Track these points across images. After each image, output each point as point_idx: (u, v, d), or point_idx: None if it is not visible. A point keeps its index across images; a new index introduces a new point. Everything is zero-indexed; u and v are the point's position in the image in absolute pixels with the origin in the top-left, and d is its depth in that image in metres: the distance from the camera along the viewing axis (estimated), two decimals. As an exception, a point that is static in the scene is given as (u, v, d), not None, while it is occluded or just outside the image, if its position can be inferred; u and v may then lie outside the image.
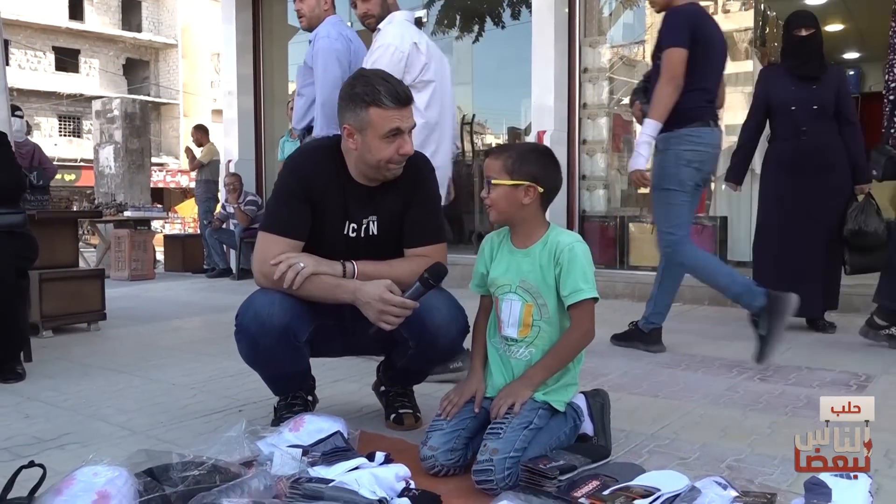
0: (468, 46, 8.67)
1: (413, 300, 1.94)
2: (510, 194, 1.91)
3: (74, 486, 1.37)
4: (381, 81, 1.98)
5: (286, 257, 1.99)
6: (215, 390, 2.82)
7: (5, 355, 3.04)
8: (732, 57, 6.14)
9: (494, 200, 1.92)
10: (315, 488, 1.50)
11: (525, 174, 1.90)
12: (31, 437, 2.25)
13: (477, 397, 1.93)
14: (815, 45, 3.94)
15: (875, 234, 3.75)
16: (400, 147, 2.00)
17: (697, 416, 2.41)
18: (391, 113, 1.97)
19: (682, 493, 1.55)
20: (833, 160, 3.87)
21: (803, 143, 3.88)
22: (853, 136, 3.89)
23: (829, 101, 3.86)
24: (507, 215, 1.94)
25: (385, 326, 1.94)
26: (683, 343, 3.66)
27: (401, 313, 1.93)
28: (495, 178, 1.91)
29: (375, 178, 2.08)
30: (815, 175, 3.86)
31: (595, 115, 6.26)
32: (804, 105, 3.89)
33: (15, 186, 3.29)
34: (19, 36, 27.43)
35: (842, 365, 3.10)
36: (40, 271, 4.00)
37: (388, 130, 1.97)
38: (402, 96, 1.98)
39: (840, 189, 3.89)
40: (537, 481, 1.65)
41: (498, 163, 1.92)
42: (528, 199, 1.91)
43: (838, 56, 11.45)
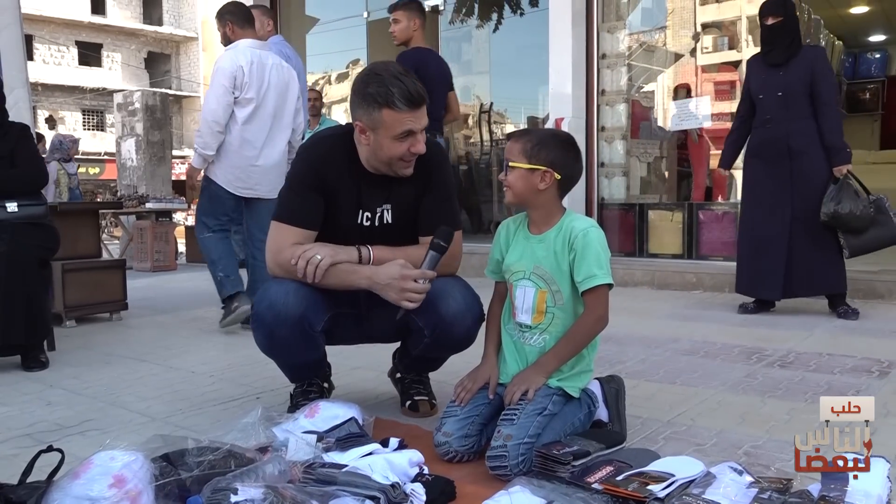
0: (486, 35, 8.61)
1: (430, 270, 1.94)
2: (527, 178, 1.90)
3: (92, 469, 1.39)
4: (395, 81, 1.94)
5: (302, 251, 1.99)
6: (233, 378, 2.85)
7: (29, 344, 3.09)
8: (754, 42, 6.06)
9: (511, 182, 1.92)
10: (328, 473, 1.51)
11: (543, 159, 1.89)
12: (52, 424, 2.29)
13: (491, 383, 1.93)
14: (781, 32, 3.93)
15: (854, 216, 3.73)
16: (412, 146, 1.99)
17: (715, 402, 2.39)
18: (404, 115, 1.95)
19: (696, 479, 1.54)
20: (801, 146, 3.86)
21: (768, 131, 3.96)
22: (825, 116, 3.84)
23: (796, 85, 3.86)
24: (522, 198, 1.93)
25: (409, 305, 1.93)
26: (702, 330, 3.63)
27: (422, 288, 1.93)
28: (514, 160, 1.91)
29: (387, 173, 2.08)
30: (781, 162, 3.92)
31: (614, 101, 6.19)
32: (769, 92, 3.95)
33: (37, 178, 3.34)
34: (43, 31, 27.75)
35: (864, 351, 3.06)
36: (63, 262, 4.07)
37: (401, 132, 1.96)
38: (415, 97, 1.95)
39: (813, 173, 3.86)
40: (551, 467, 1.65)
41: (518, 146, 1.91)
42: (545, 184, 1.90)
43: (863, 39, 11.25)
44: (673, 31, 6.91)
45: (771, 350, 3.11)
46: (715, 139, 6.21)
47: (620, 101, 6.19)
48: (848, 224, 3.75)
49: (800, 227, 3.89)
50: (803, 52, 3.93)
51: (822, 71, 3.90)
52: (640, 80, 6.64)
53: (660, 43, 6.93)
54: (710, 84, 6.61)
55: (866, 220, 3.73)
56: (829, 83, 3.94)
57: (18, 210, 3.09)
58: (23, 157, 3.24)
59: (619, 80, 6.21)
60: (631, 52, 6.41)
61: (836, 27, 9.76)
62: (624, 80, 6.22)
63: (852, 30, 10.53)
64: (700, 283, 5.09)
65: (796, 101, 3.87)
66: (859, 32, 10.88)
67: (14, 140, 3.23)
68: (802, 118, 3.86)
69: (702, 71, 6.78)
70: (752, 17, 6.00)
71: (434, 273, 1.95)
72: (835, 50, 9.86)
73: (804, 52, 3.94)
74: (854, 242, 3.81)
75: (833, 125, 3.84)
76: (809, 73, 3.84)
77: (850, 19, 10.01)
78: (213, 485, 1.43)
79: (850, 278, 3.99)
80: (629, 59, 6.34)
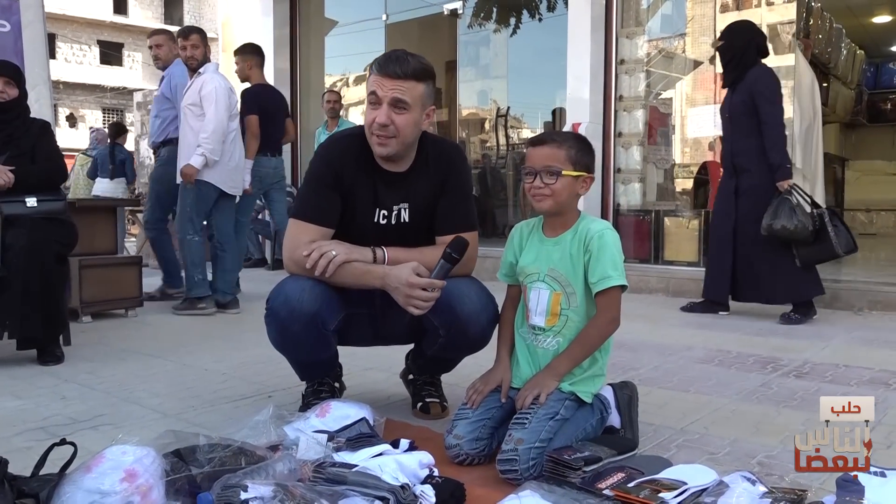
0: (504, 39, 8.62)
1: (440, 279, 1.92)
2: (572, 185, 1.90)
3: (104, 464, 1.39)
4: (391, 52, 2.01)
5: (318, 245, 1.99)
6: (246, 376, 2.85)
7: (45, 339, 3.12)
8: (775, 50, 6.00)
9: (558, 191, 1.88)
10: (338, 473, 1.51)
11: (584, 165, 1.91)
12: (66, 418, 2.31)
13: (503, 386, 1.92)
14: (725, 55, 4.23)
15: (789, 230, 3.88)
16: (376, 116, 1.97)
17: (729, 411, 2.36)
18: (374, 77, 1.98)
19: (709, 488, 1.52)
20: (743, 163, 4.11)
21: (722, 149, 4.34)
22: (765, 135, 4.02)
23: (739, 106, 4.11)
24: (563, 206, 1.92)
25: (414, 311, 1.92)
26: (717, 339, 3.60)
27: (429, 296, 1.91)
28: (562, 167, 1.87)
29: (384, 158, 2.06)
30: (728, 178, 4.25)
31: (631, 107, 6.16)
32: (723, 113, 4.30)
33: (57, 174, 3.37)
34: (66, 30, 28.07)
35: (881, 363, 3.02)
36: (80, 258, 4.10)
37: (369, 94, 1.99)
38: (391, 63, 1.96)
39: (753, 189, 4.07)
40: (562, 472, 1.64)
41: (562, 152, 1.89)
42: (584, 189, 1.92)
43: (885, 48, 11.14)
44: (692, 38, 6.86)
45: (787, 360, 3.08)
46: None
47: (638, 107, 6.16)
48: (787, 238, 3.93)
49: (745, 239, 4.11)
50: (749, 74, 4.10)
51: (761, 91, 4.06)
52: (659, 86, 6.60)
53: (679, 50, 6.89)
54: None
55: (805, 234, 3.88)
56: (769, 102, 4.06)
57: (38, 205, 3.12)
58: (43, 154, 3.27)
59: (637, 87, 6.19)
60: (650, 59, 6.38)
61: (859, 37, 9.67)
62: (642, 87, 6.19)
63: (874, 39, 10.43)
64: (716, 291, 5.04)
65: (739, 121, 4.12)
66: (881, 42, 10.77)
67: (35, 137, 3.27)
68: (745, 137, 4.09)
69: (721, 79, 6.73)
70: (772, 25, 5.95)
71: (443, 283, 1.93)
72: (857, 59, 9.77)
73: (749, 73, 4.11)
74: (803, 253, 3.98)
75: (772, 143, 4.01)
76: (751, 94, 4.04)
77: (873, 29, 9.91)
78: (223, 482, 1.44)
79: (869, 290, 3.96)
80: (647, 65, 6.31)
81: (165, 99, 4.98)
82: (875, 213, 10.01)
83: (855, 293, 4.52)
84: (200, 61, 4.61)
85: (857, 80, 10.03)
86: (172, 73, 4.97)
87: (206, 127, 4.41)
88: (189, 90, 4.59)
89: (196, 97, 4.48)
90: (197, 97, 4.48)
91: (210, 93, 4.44)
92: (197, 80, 4.55)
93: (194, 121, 4.49)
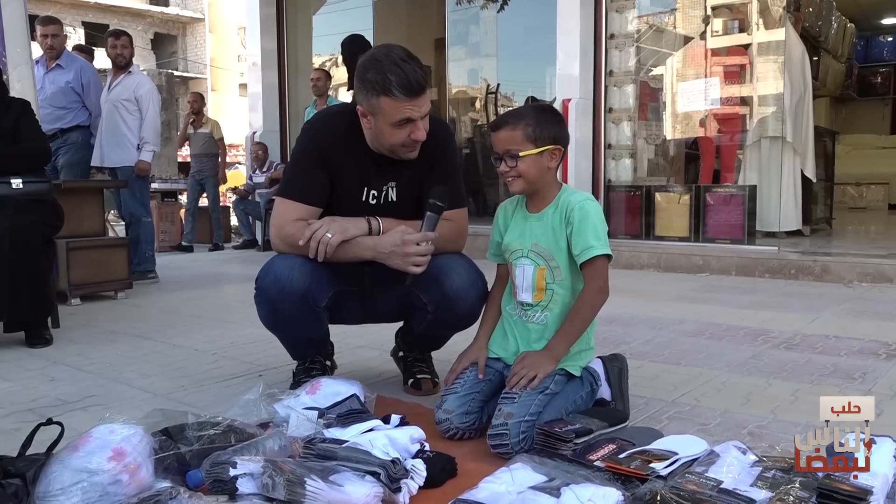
0: (493, 16, 8.54)
1: (430, 231, 1.92)
2: (538, 162, 1.86)
3: (91, 442, 1.38)
4: (394, 68, 1.88)
5: (312, 231, 1.96)
6: (237, 356, 2.84)
7: (33, 321, 3.09)
8: (765, 24, 5.98)
9: (524, 171, 1.85)
10: (329, 448, 1.50)
11: (547, 138, 1.86)
12: (55, 399, 2.29)
13: (479, 364, 1.92)
14: None
15: None
16: (412, 133, 1.95)
17: (720, 383, 2.37)
18: (402, 103, 1.89)
19: (700, 457, 1.52)
20: None
21: None
22: None
23: None
24: (535, 184, 1.90)
25: (415, 269, 1.91)
26: (708, 312, 3.60)
27: (426, 249, 1.91)
28: (519, 149, 1.85)
29: (391, 156, 2.05)
30: None
31: (622, 82, 6.13)
32: None
33: (42, 155, 3.32)
34: (49, 11, 27.62)
35: (871, 334, 3.03)
36: (68, 240, 4.07)
37: (399, 120, 1.92)
38: (414, 86, 1.89)
39: None
40: (553, 444, 1.63)
41: (517, 133, 1.85)
42: (554, 161, 1.89)
43: (875, 21, 11.10)
44: (683, 13, 6.82)
45: (777, 332, 3.09)
46: (724, 121, 6.15)
47: (628, 82, 6.12)
48: None
49: None
50: None
51: None
52: (649, 62, 6.56)
53: (669, 25, 6.84)
54: (719, 67, 6.53)
55: None
56: None
57: (23, 186, 3.08)
58: (25, 134, 3.22)
59: (628, 62, 6.15)
60: (640, 34, 6.34)
61: (849, 9, 9.63)
62: (632, 62, 6.15)
63: (865, 12, 10.39)
64: (707, 265, 5.06)
65: None
66: (872, 15, 10.73)
67: (16, 116, 3.21)
68: None
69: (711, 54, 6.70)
70: (762, 0, 5.92)
71: (435, 234, 1.93)
72: (847, 33, 9.73)
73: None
74: None
75: None
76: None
77: (863, 2, 9.87)
78: (212, 459, 1.43)
79: (859, 262, 3.96)
80: (638, 40, 6.27)
81: (74, 92, 5.14)
82: (865, 187, 10.04)
83: (845, 266, 4.54)
84: (128, 60, 5.25)
85: (848, 54, 10.00)
86: (83, 68, 5.22)
87: (149, 125, 5.20)
88: (119, 86, 5.19)
89: (131, 94, 5.16)
90: (132, 94, 5.15)
91: (147, 93, 5.22)
92: (128, 78, 5.21)
93: (128, 116, 5.14)
